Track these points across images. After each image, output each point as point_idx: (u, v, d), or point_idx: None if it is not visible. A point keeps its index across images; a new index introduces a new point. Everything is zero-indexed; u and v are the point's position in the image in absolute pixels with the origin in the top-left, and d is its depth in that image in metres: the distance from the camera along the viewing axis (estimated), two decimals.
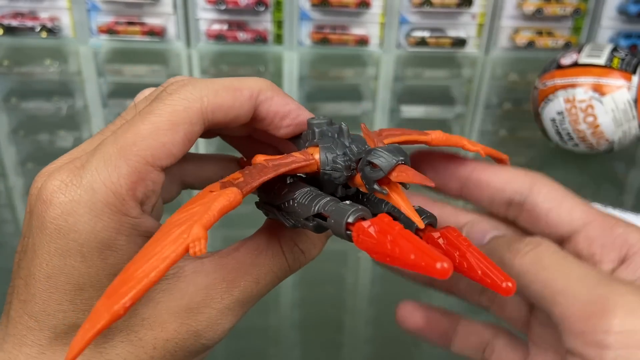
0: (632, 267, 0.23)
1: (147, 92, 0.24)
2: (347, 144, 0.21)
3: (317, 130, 0.22)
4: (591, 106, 0.52)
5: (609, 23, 0.84)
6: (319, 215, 0.20)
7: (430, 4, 0.82)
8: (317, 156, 0.21)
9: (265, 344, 0.39)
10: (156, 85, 0.24)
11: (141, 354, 0.21)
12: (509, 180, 0.26)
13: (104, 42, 0.82)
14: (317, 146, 0.21)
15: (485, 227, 0.26)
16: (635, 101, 0.51)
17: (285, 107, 0.23)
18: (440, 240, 0.20)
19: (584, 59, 0.53)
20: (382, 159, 0.19)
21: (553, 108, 0.54)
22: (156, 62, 0.81)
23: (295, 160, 0.21)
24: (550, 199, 0.25)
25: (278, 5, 0.82)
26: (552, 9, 0.82)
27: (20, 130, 0.62)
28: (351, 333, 0.40)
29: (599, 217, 0.25)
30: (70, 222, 0.20)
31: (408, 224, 0.21)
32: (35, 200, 0.20)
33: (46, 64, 0.79)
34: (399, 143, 0.24)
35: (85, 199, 0.20)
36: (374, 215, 0.19)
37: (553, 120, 0.54)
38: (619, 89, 0.51)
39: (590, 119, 0.52)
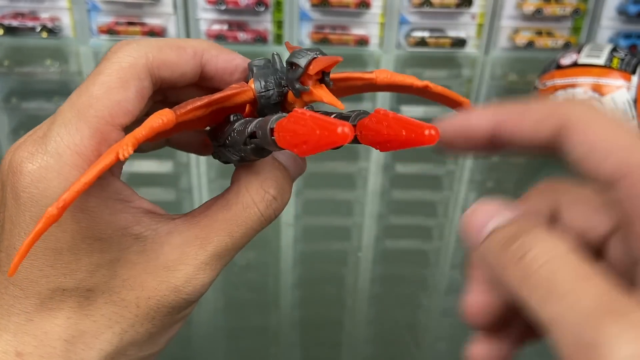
0: None
1: None
2: (279, 68, 0.23)
3: (254, 68, 0.23)
4: None
5: (608, 23, 0.84)
6: (254, 137, 0.21)
7: (430, 4, 0.82)
8: (252, 86, 0.23)
9: (265, 343, 0.39)
10: None
11: (125, 313, 0.21)
12: (539, 122, 0.21)
13: (104, 42, 0.83)
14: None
15: (488, 211, 0.21)
16: (635, 101, 0.51)
17: (232, 63, 0.24)
18: (368, 121, 0.22)
19: (583, 59, 0.53)
20: (299, 56, 0.21)
21: None
22: None
23: (230, 87, 0.22)
24: (586, 141, 0.20)
25: (278, 6, 0.82)
26: (551, 9, 0.82)
27: (21, 131, 0.62)
28: (351, 333, 0.40)
29: (637, 170, 0.19)
30: (41, 189, 0.20)
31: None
32: (6, 173, 0.21)
33: (47, 64, 0.79)
34: (342, 79, 0.25)
35: (52, 164, 0.20)
36: None
37: None
38: (619, 89, 0.51)
39: None
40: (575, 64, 0.53)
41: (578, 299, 0.16)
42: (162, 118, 0.20)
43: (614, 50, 0.54)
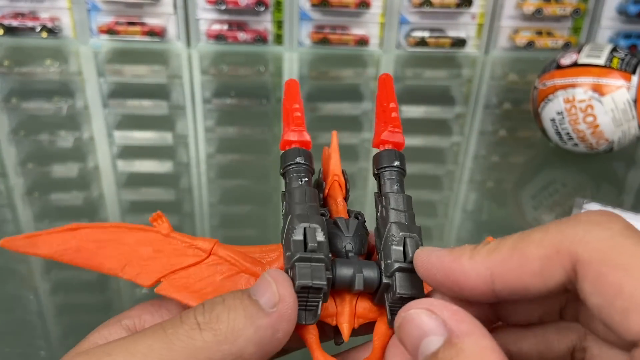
0: None
1: None
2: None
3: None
4: (591, 106, 0.52)
5: (608, 23, 0.84)
6: None
7: (430, 4, 0.82)
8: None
9: None
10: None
11: None
12: (545, 273, 0.17)
13: (104, 42, 0.83)
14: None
15: (422, 326, 0.18)
16: (635, 101, 0.51)
17: None
18: None
19: (583, 59, 0.53)
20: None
21: (553, 108, 0.54)
22: (156, 62, 0.81)
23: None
24: (600, 291, 0.16)
25: (278, 6, 0.82)
26: (551, 9, 0.82)
27: (21, 131, 0.62)
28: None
29: None
30: None
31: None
32: None
33: (46, 64, 0.79)
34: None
35: None
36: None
37: (553, 120, 0.54)
38: (619, 89, 0.51)
39: (589, 119, 0.52)
40: (575, 64, 0.53)
41: None
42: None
43: (614, 50, 0.54)
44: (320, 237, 0.20)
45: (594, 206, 0.48)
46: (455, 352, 0.16)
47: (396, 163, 0.24)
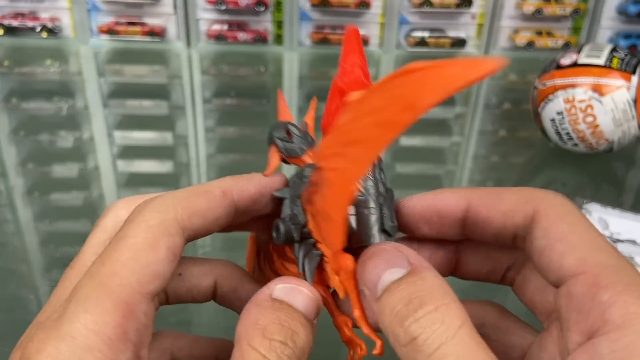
0: (589, 355, 0.17)
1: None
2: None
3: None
4: (591, 106, 0.52)
5: (608, 23, 0.84)
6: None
7: (430, 4, 0.82)
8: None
9: None
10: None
11: None
12: (510, 213, 0.21)
13: (104, 42, 0.83)
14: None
15: (382, 261, 0.20)
16: (635, 101, 0.51)
17: (258, 189, 0.24)
18: None
19: (583, 59, 0.53)
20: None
21: (553, 108, 0.54)
22: (156, 62, 0.81)
23: None
24: (548, 235, 0.20)
25: (278, 6, 0.82)
26: (551, 9, 0.82)
27: (21, 131, 0.62)
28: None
29: (592, 270, 0.18)
30: None
31: None
32: None
33: (47, 64, 0.79)
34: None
35: (64, 351, 0.17)
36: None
37: (552, 120, 0.54)
38: (619, 89, 0.51)
39: (589, 119, 0.52)
40: (575, 64, 0.53)
41: None
42: None
43: (614, 50, 0.54)
44: None
45: (594, 206, 0.48)
46: (418, 278, 0.19)
47: None
